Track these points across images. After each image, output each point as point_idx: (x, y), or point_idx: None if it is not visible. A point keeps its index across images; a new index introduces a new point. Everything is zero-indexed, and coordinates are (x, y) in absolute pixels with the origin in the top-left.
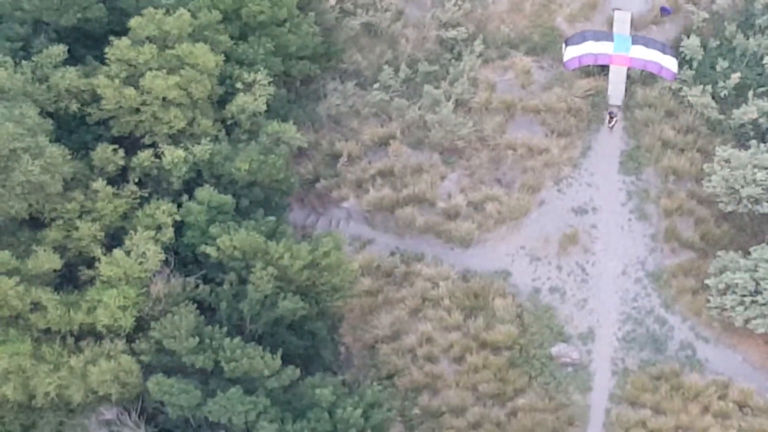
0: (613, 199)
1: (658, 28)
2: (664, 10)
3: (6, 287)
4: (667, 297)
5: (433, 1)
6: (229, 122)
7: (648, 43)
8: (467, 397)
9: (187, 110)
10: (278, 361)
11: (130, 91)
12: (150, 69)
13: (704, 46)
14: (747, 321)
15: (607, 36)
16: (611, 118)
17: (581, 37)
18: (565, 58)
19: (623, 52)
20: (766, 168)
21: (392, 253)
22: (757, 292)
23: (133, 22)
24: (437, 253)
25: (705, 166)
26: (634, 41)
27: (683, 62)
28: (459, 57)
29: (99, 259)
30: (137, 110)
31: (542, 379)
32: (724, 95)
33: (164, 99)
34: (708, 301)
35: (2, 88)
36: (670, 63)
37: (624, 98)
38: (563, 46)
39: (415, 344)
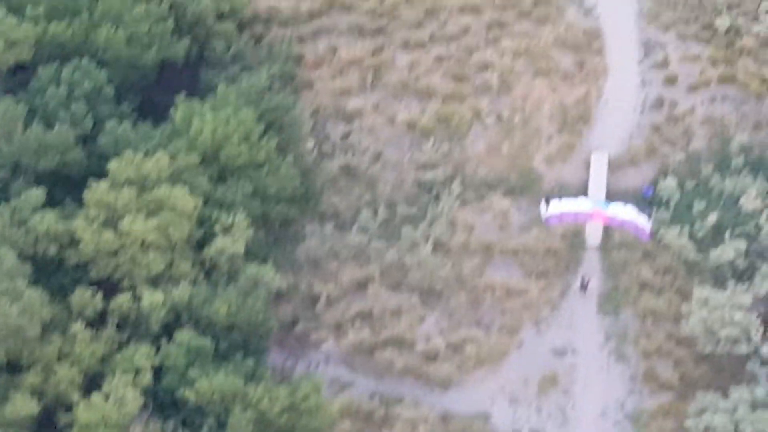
0: (592, 341)
1: (635, 169)
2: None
3: None
4: None
5: (411, 143)
6: (207, 264)
7: (624, 204)
8: None
9: (166, 253)
10: None
11: (108, 234)
12: (128, 212)
13: (681, 186)
14: None
15: (585, 198)
16: (583, 284)
17: (560, 198)
18: (546, 215)
19: (602, 211)
20: (743, 308)
21: (371, 396)
22: None
23: (112, 165)
24: (416, 396)
25: (683, 307)
26: (610, 202)
27: (660, 203)
28: (437, 198)
29: (77, 404)
30: (115, 253)
31: None
32: (701, 236)
33: (143, 242)
34: None
35: None
36: (644, 223)
37: (601, 239)
38: (542, 203)
39: None
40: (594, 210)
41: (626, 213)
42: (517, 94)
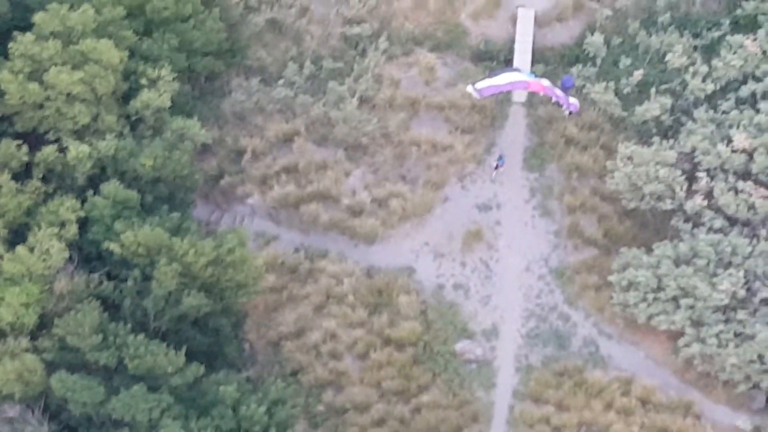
0: (517, 196)
1: (561, 26)
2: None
3: None
4: (571, 293)
5: None
6: (133, 118)
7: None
8: (371, 393)
9: (92, 106)
10: (182, 358)
11: (33, 86)
12: (54, 64)
13: (607, 43)
14: (650, 317)
15: (518, 71)
16: (497, 166)
17: (494, 74)
18: (480, 86)
19: (537, 80)
20: (668, 165)
21: (297, 250)
22: (660, 289)
23: (37, 17)
24: (342, 250)
25: (608, 163)
26: (542, 77)
27: (586, 59)
28: (363, 54)
29: (2, 256)
30: (41, 106)
31: (446, 376)
32: (627, 92)
33: (68, 94)
34: (611, 297)
35: None
36: (574, 101)
37: (527, 95)
38: (471, 86)
39: (320, 341)
40: (531, 81)
41: (556, 88)
42: None
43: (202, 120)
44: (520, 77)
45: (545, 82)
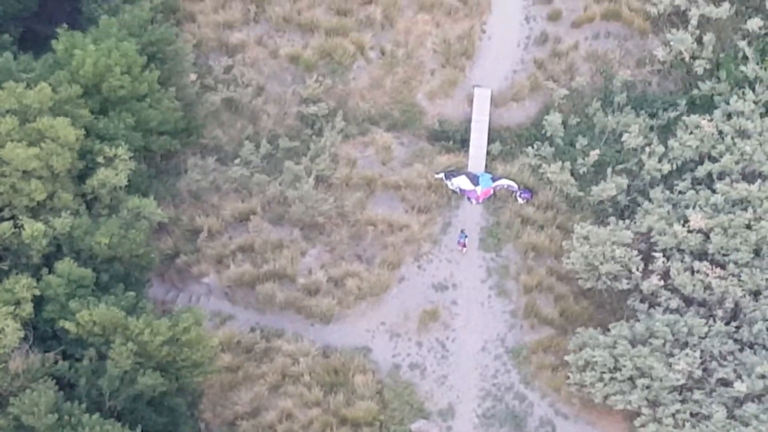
0: (473, 276)
1: (518, 106)
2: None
3: None
4: (527, 373)
5: (294, 77)
6: (89, 196)
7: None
8: None
9: (48, 183)
10: None
11: None
12: (10, 140)
13: (564, 123)
14: (606, 397)
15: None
16: (461, 242)
17: (453, 175)
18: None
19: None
20: (624, 245)
21: (252, 329)
22: (616, 369)
23: None
24: (298, 329)
25: (564, 242)
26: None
27: (543, 139)
28: (320, 133)
29: None
30: None
31: None
32: (584, 172)
33: (24, 171)
34: (567, 377)
35: None
36: (526, 192)
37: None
38: (444, 176)
39: (276, 421)
40: (480, 193)
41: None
42: (401, 28)
43: (158, 199)
44: (471, 186)
45: (504, 182)
